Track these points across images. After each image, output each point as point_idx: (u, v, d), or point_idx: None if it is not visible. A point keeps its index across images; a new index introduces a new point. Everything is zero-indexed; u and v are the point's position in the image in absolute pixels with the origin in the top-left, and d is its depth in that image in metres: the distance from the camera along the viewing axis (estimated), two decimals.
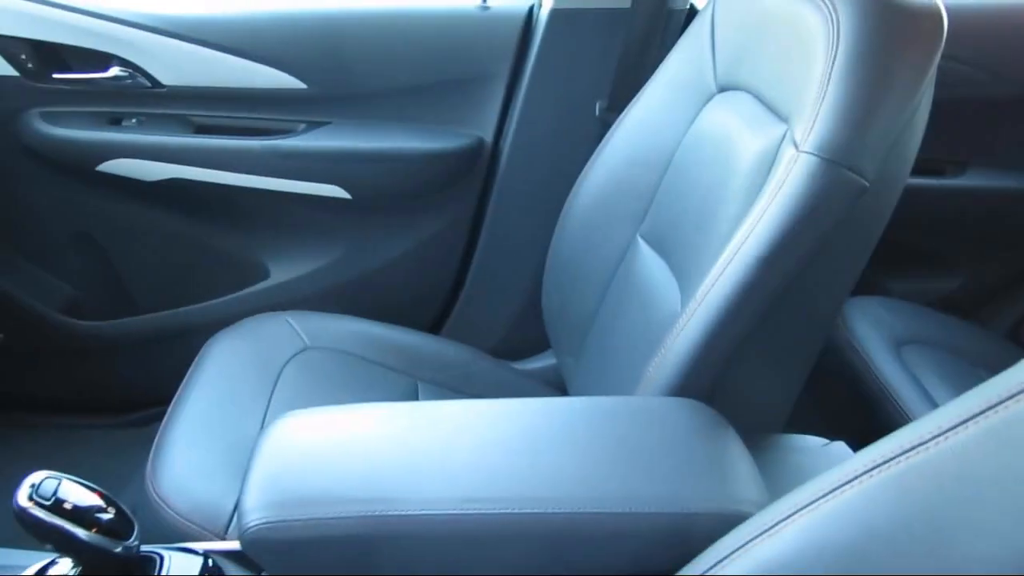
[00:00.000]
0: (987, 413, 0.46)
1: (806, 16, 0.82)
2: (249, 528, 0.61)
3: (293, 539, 0.61)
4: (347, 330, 1.27)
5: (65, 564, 0.73)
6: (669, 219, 1.04)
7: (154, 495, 0.93)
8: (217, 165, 1.40)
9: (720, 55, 1.01)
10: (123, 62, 1.36)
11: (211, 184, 1.41)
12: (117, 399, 1.55)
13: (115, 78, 1.36)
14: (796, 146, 0.76)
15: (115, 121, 1.41)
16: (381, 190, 1.47)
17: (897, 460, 0.48)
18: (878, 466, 0.48)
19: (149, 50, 1.36)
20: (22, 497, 0.66)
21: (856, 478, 0.49)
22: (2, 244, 1.48)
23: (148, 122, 1.41)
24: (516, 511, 0.61)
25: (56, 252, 1.52)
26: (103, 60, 1.36)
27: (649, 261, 1.05)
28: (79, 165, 1.40)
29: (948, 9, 0.83)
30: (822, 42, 0.78)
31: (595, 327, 1.15)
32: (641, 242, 1.09)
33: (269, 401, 1.09)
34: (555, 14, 1.35)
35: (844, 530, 0.49)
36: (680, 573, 0.56)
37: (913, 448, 0.48)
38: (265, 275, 1.52)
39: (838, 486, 0.50)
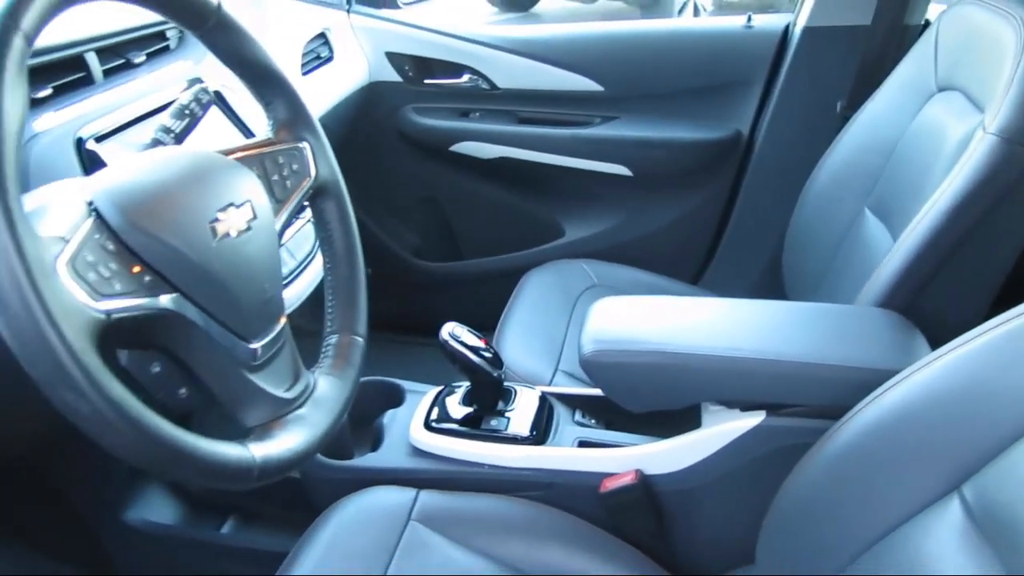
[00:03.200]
0: None
1: (1002, 29, 1.04)
2: (586, 353, 0.96)
3: (612, 362, 0.95)
4: (625, 276, 1.58)
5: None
6: (891, 193, 1.25)
7: None
8: (533, 148, 1.78)
9: (940, 61, 1.22)
10: (472, 71, 1.78)
11: (528, 162, 1.79)
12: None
13: (466, 82, 1.79)
14: (984, 129, 0.99)
15: (464, 114, 1.83)
16: (657, 169, 1.76)
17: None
18: (1007, 321, 0.72)
19: (491, 62, 1.77)
20: (444, 333, 1.05)
21: (988, 331, 0.73)
22: (376, 203, 1.95)
23: (486, 115, 1.82)
24: (760, 357, 0.91)
25: (411, 210, 1.98)
26: (459, 69, 1.79)
27: (873, 227, 1.26)
28: (436, 146, 1.84)
29: None
30: (1012, 48, 1.00)
31: (826, 281, 1.35)
32: (868, 212, 1.28)
33: (570, 316, 1.45)
34: (807, 30, 1.59)
35: (986, 357, 0.72)
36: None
37: None
38: (561, 233, 1.88)
39: (978, 335, 0.74)
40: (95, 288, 0.53)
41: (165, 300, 0.58)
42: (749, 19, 1.68)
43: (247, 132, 1.16)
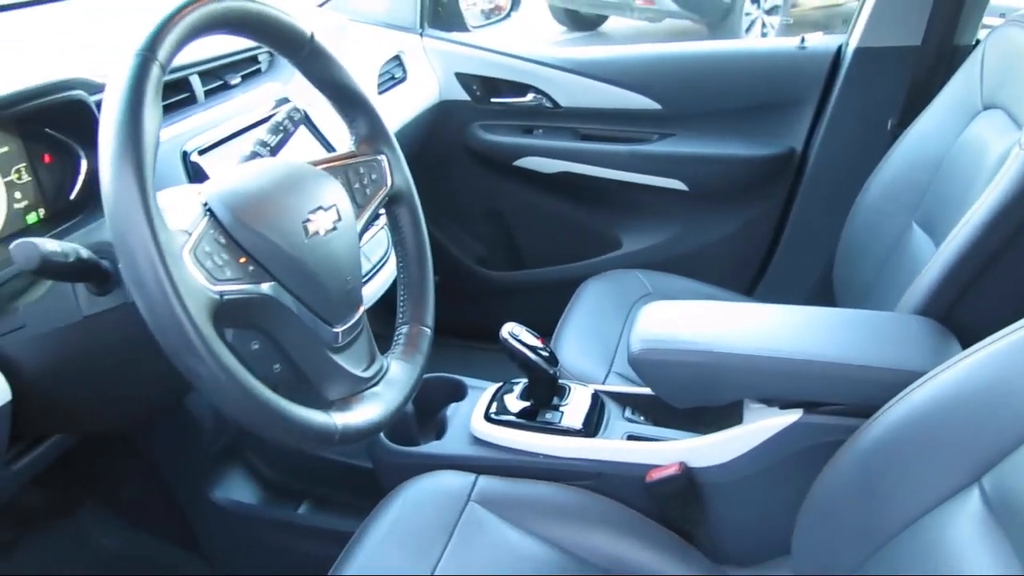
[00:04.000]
0: None
1: None
2: (634, 351, 1.03)
3: (658, 360, 1.02)
4: (680, 286, 1.63)
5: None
6: (937, 207, 1.28)
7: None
8: (593, 163, 1.85)
9: (986, 81, 1.25)
10: (536, 90, 1.87)
11: (588, 176, 1.87)
12: None
13: (530, 101, 1.88)
14: (1020, 146, 1.03)
15: (527, 131, 1.92)
16: (712, 184, 1.82)
17: None
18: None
19: (554, 81, 1.85)
20: (504, 332, 1.13)
21: (1011, 333, 0.77)
22: (444, 215, 2.06)
23: (549, 132, 1.90)
24: (797, 357, 0.97)
25: (476, 222, 2.07)
26: (523, 89, 1.88)
27: (920, 240, 1.29)
28: (501, 161, 1.93)
29: None
30: None
31: (874, 293, 1.38)
32: (915, 226, 1.32)
33: (625, 322, 1.51)
34: (859, 51, 1.64)
35: (1008, 357, 0.76)
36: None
37: None
38: (619, 245, 1.95)
39: (1001, 337, 0.77)
40: (211, 273, 0.64)
41: (265, 287, 0.68)
42: (802, 40, 1.73)
43: (327, 145, 1.27)
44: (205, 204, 0.69)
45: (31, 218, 0.92)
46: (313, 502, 1.43)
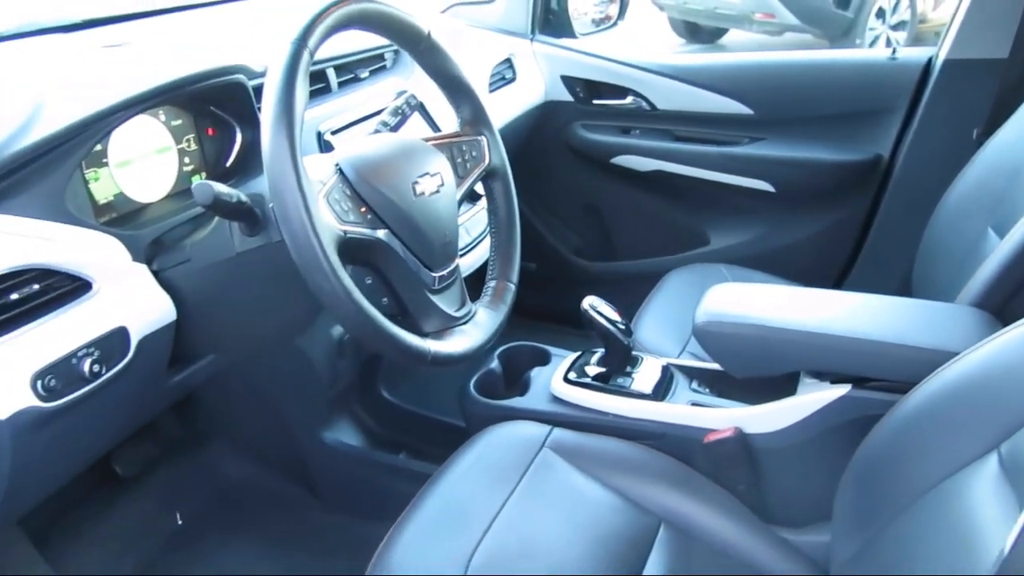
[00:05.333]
0: None
1: None
2: (698, 323, 1.14)
3: (719, 332, 1.12)
4: (762, 280, 1.68)
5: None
6: (1011, 212, 1.32)
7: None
8: (686, 163, 1.95)
9: None
10: (635, 93, 1.98)
11: (680, 175, 1.96)
12: None
13: (630, 103, 1.99)
14: None
15: (625, 131, 2.03)
16: (799, 187, 1.88)
17: None
18: None
19: (652, 86, 1.96)
20: (584, 304, 1.26)
21: None
22: (545, 207, 2.19)
23: (645, 133, 2.00)
24: (843, 335, 1.06)
25: (575, 214, 2.19)
26: (623, 92, 1.99)
27: (993, 245, 1.30)
28: (599, 159, 2.05)
29: None
30: None
31: (947, 295, 1.39)
32: (990, 231, 1.35)
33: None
34: (948, 63, 1.68)
35: None
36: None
37: None
38: (706, 242, 2.03)
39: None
40: (339, 216, 0.80)
41: (380, 233, 0.84)
42: (894, 52, 1.78)
43: (436, 128, 1.44)
44: (336, 164, 0.86)
45: (195, 179, 1.12)
46: (409, 453, 1.59)
